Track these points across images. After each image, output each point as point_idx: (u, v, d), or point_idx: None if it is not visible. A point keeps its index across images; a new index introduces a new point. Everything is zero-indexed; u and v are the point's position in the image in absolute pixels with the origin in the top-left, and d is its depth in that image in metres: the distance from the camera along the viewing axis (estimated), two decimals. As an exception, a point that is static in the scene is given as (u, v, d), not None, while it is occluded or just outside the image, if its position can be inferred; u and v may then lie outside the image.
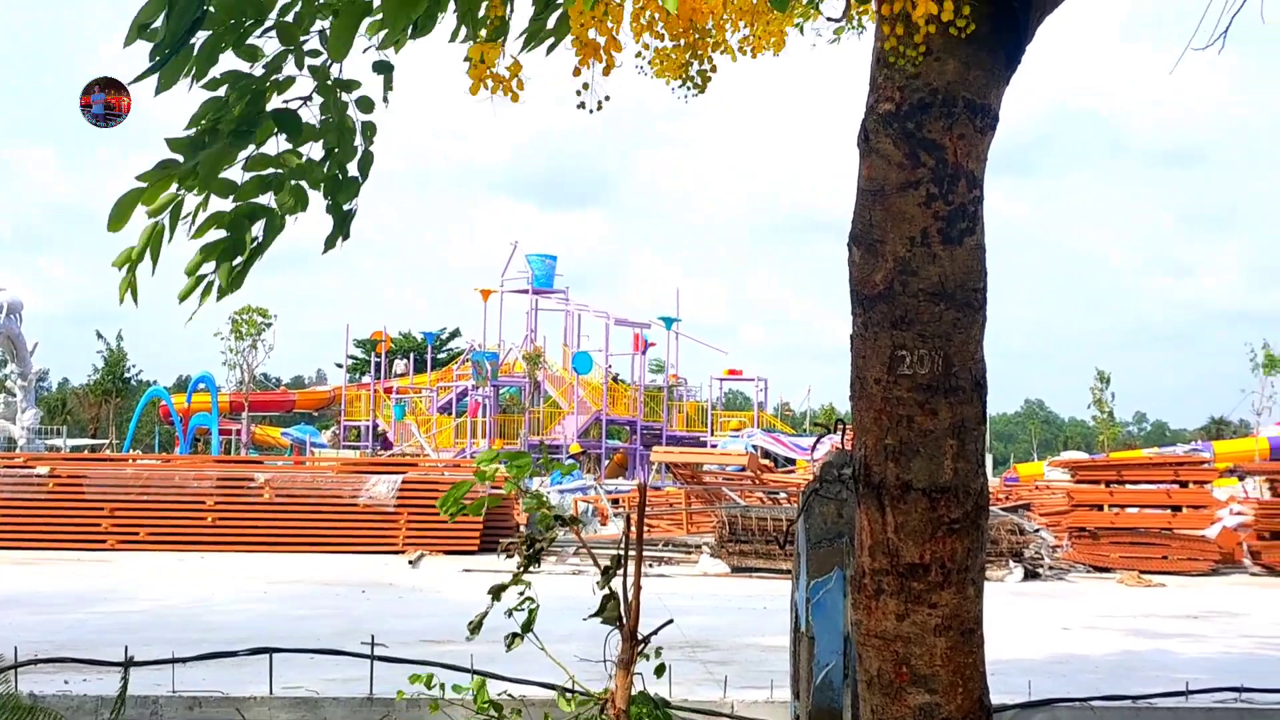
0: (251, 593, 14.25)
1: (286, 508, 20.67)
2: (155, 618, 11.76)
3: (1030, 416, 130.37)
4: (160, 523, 20.48)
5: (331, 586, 15.08)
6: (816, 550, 5.28)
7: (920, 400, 3.76)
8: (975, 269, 3.80)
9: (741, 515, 17.03)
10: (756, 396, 54.61)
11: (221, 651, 7.99)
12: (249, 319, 47.19)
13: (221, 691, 7.43)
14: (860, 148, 3.81)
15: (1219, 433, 66.21)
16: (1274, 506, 19.39)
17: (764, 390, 55.23)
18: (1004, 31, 3.72)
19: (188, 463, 25.28)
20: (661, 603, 12.89)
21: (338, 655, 8.09)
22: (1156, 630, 12.07)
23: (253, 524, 20.57)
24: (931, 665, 3.80)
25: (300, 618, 11.80)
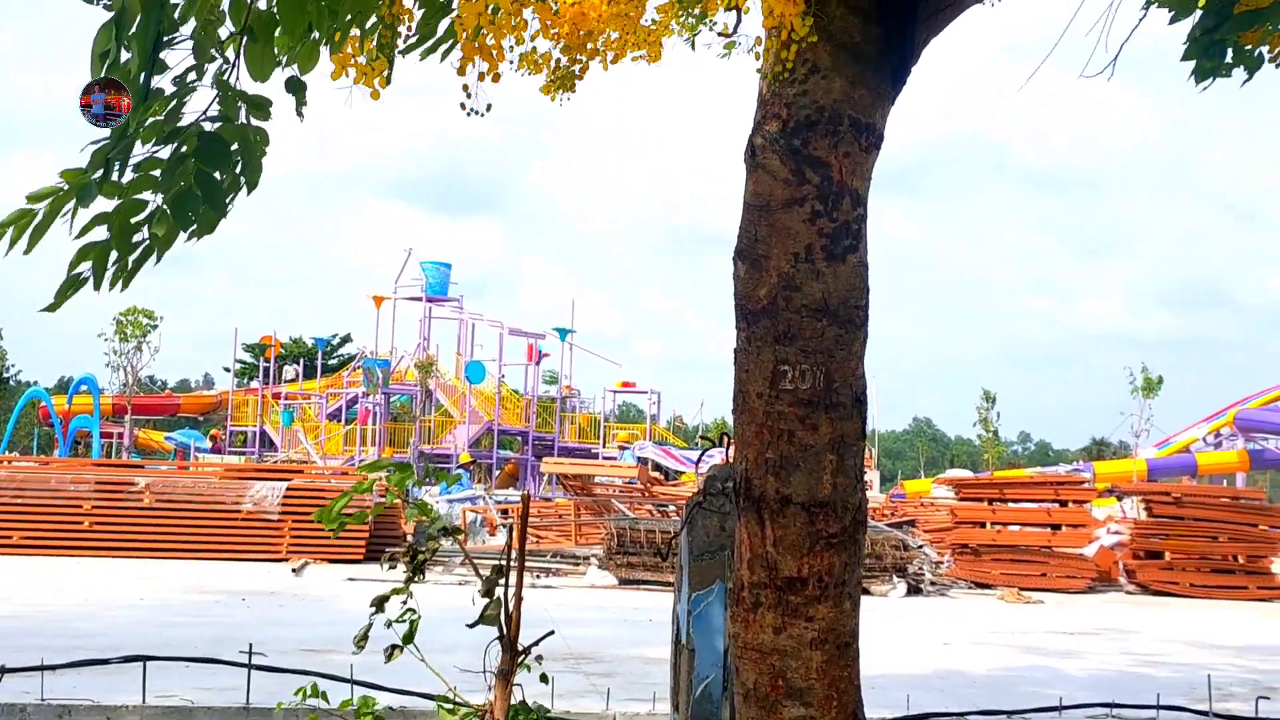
0: (128, 599, 13.94)
1: (167, 513, 20.27)
2: (27, 624, 11.46)
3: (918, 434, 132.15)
4: (35, 527, 19.97)
5: (211, 594, 14.81)
6: (698, 563, 5.29)
7: (801, 415, 3.79)
8: (858, 286, 3.84)
9: (630, 527, 17.04)
10: (650, 409, 54.72)
11: (93, 659, 7.81)
12: (134, 320, 46.26)
13: (92, 700, 7.25)
14: (747, 163, 3.83)
15: (1099, 453, 67.62)
16: (1149, 527, 19.84)
17: (657, 403, 55.36)
18: (890, 52, 3.77)
19: (65, 465, 24.68)
20: (548, 614, 12.86)
21: (214, 664, 7.94)
22: (1035, 646, 12.28)
23: (132, 529, 20.14)
24: (807, 678, 3.82)
25: (177, 625, 11.57)
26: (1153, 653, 12.09)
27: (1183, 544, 19.34)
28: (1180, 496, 20.43)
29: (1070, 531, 19.53)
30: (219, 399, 60.99)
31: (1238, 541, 19.37)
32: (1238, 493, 24.83)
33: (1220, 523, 19.51)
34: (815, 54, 3.60)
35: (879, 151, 3.85)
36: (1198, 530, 19.45)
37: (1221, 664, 11.16)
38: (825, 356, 3.78)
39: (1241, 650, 12.44)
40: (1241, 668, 11.06)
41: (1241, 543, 19.36)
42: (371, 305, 50.21)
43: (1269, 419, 50.66)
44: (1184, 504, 19.81)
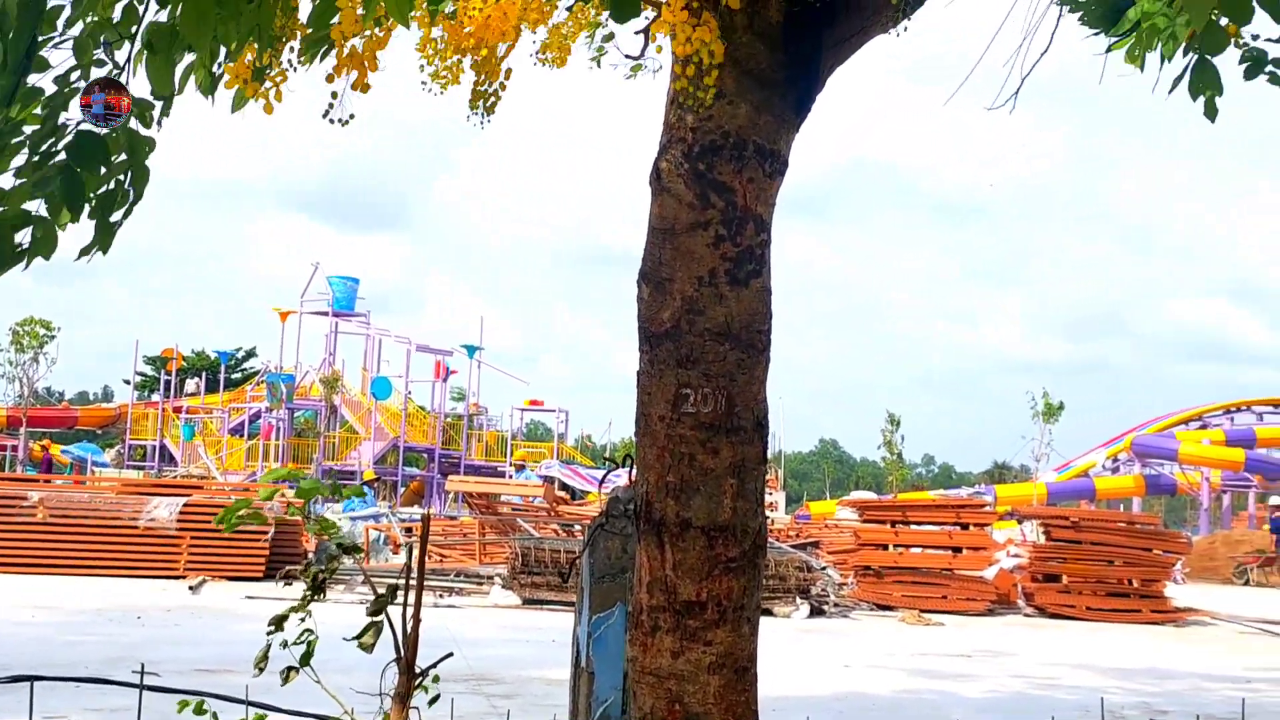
0: (18, 617, 13.61)
1: (61, 529, 19.83)
2: (-90, 642, 11.15)
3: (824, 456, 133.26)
4: (-77, 542, 19.44)
5: (106, 612, 14.51)
6: (600, 585, 5.26)
7: (702, 439, 3.79)
8: (761, 311, 3.85)
9: (535, 547, 16.96)
10: (557, 428, 54.64)
11: (-22, 679, 7.59)
12: (31, 330, 45.31)
13: (-25, 721, 7.07)
14: (652, 186, 3.83)
15: (1001, 477, 68.59)
16: (1047, 550, 20.12)
17: (565, 422, 55.32)
18: (796, 79, 3.79)
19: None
20: (450, 634, 12.75)
21: (105, 684, 7.77)
22: (933, 669, 12.39)
23: (24, 545, 19.67)
24: (704, 703, 3.81)
25: (69, 644, 11.31)
26: (1048, 675, 12.26)
27: (1079, 567, 19.64)
28: (1077, 521, 20.74)
29: (971, 554, 19.75)
30: (118, 412, 59.86)
31: (1132, 565, 19.71)
32: (1133, 517, 25.27)
33: (1116, 547, 19.84)
34: (721, 79, 3.60)
35: (783, 178, 3.87)
36: (1094, 554, 19.77)
37: (1115, 687, 11.34)
38: (727, 380, 3.79)
39: (1134, 673, 12.65)
40: (1134, 691, 11.25)
41: (1136, 567, 19.70)
42: (277, 319, 49.66)
43: (1164, 445, 51.75)
44: (1081, 528, 20.12)
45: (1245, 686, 11.65)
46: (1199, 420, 55.95)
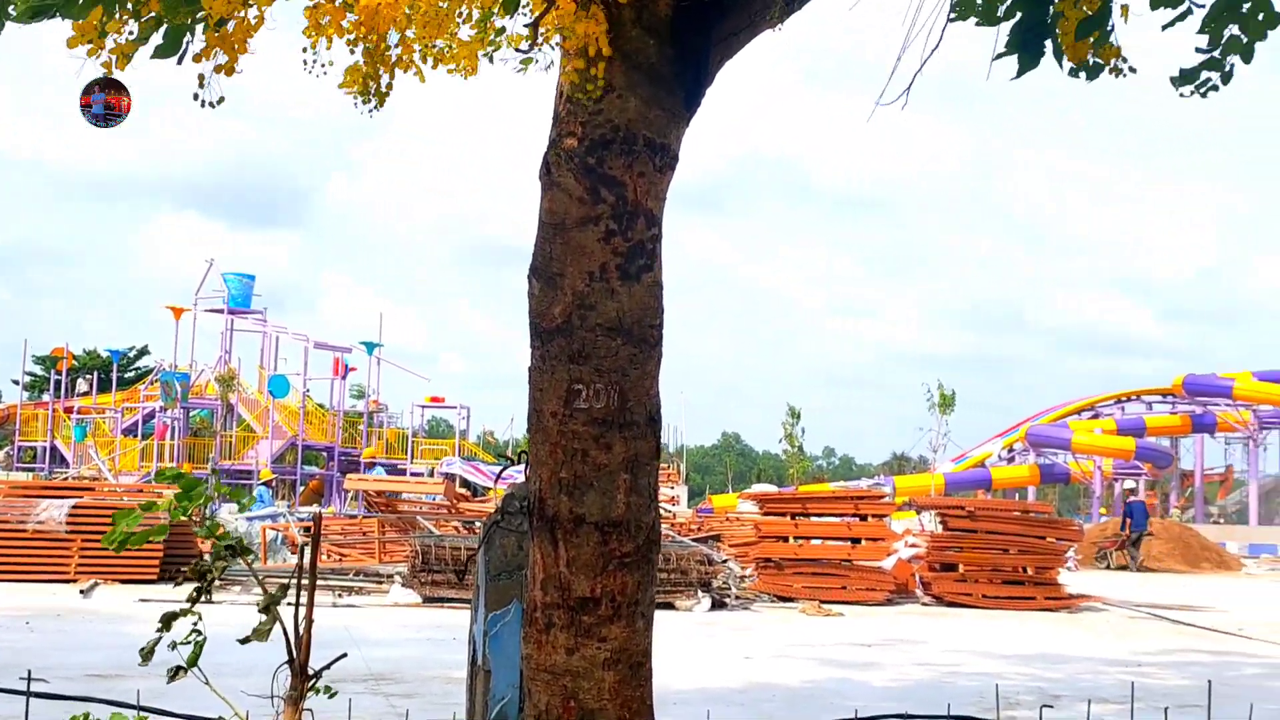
0: (-99, 625, 13.23)
1: (-53, 533, 19.30)
2: None
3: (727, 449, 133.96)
4: None
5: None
6: (496, 582, 5.23)
7: (595, 435, 3.78)
8: (652, 306, 3.84)
9: (435, 545, 16.85)
10: (459, 424, 54.35)
11: None
12: (-86, 330, 44.08)
13: None
14: (542, 180, 3.81)
15: (900, 468, 69.45)
16: (944, 540, 20.38)
17: (466, 418, 55.03)
18: (685, 74, 3.79)
19: None
20: (349, 634, 12.61)
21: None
22: (835, 659, 12.49)
23: (-92, 550, 19.12)
24: (599, 699, 3.81)
25: (-46, 652, 11.02)
26: (947, 663, 12.42)
27: (975, 556, 19.91)
28: (973, 510, 21.04)
29: (870, 545, 19.95)
30: (6, 412, 58.45)
31: (1027, 554, 20.02)
32: (1027, 506, 25.76)
33: (1011, 535, 20.14)
34: (611, 73, 3.59)
35: (674, 172, 3.87)
36: (989, 543, 20.05)
37: (1010, 673, 11.52)
38: (619, 376, 3.78)
39: (1029, 659, 12.86)
40: (1029, 676, 11.44)
41: (1031, 554, 20.02)
42: (170, 317, 48.83)
43: (1058, 435, 52.79)
44: (977, 517, 20.41)
45: (1135, 670, 11.89)
46: (1091, 410, 57.13)
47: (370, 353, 49.60)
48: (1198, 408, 54.07)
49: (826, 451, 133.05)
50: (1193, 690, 9.92)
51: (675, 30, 3.73)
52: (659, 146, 3.77)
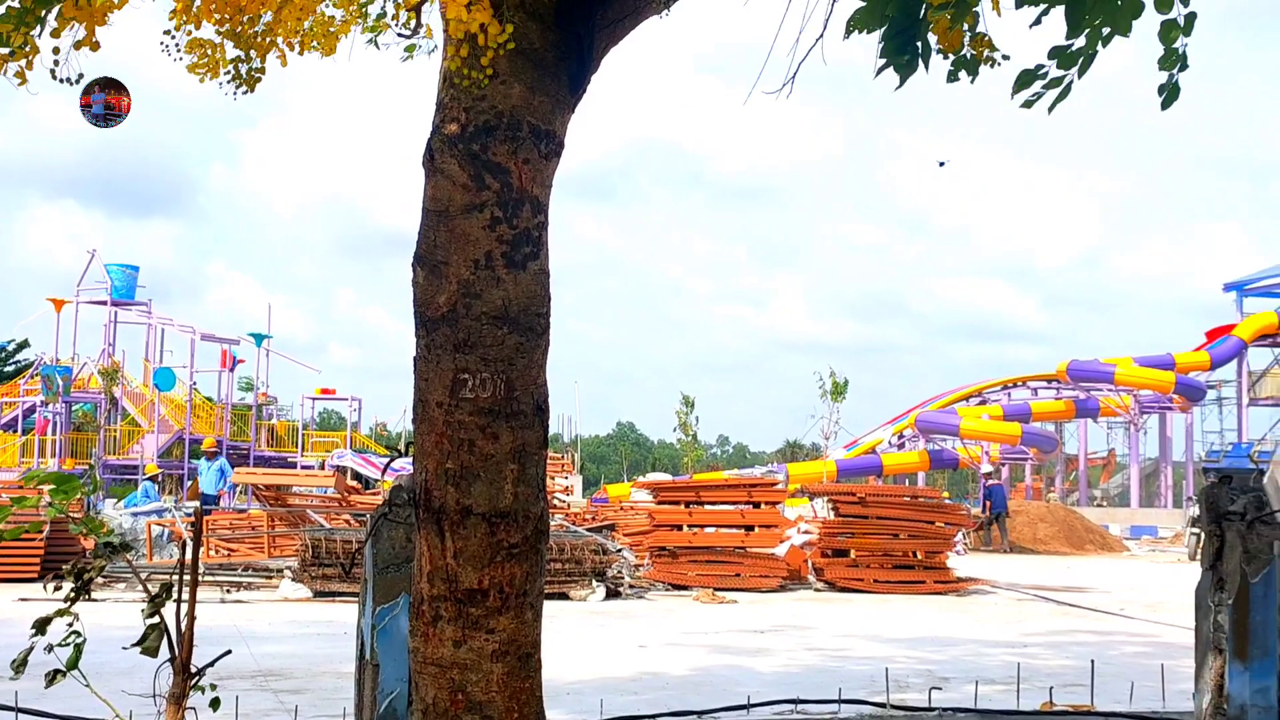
0: None
1: None
2: None
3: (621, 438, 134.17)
4: None
5: None
6: (384, 575, 5.16)
7: (482, 424, 3.74)
8: (539, 294, 3.81)
9: (326, 538, 16.63)
10: (350, 416, 53.78)
11: None
12: None
13: None
14: (426, 167, 3.75)
15: (793, 455, 70.07)
16: (836, 526, 20.58)
17: (358, 410, 54.49)
18: (569, 59, 3.76)
19: None
20: (237, 630, 12.42)
21: None
22: (728, 646, 12.56)
23: None
24: (488, 691, 3.77)
25: None
26: (838, 647, 12.54)
27: (866, 542, 20.14)
28: (864, 496, 21.26)
29: (763, 532, 20.08)
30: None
31: (917, 539, 20.29)
32: (917, 491, 26.08)
33: (901, 520, 20.40)
34: (495, 59, 3.55)
35: (560, 159, 3.83)
36: (880, 528, 20.29)
37: (900, 656, 11.67)
38: (506, 365, 3.74)
39: (919, 642, 13.04)
40: (918, 659, 11.59)
41: (920, 539, 20.30)
42: (51, 309, 47.66)
43: (946, 421, 53.59)
44: (868, 503, 20.63)
45: (1022, 651, 12.11)
46: (979, 396, 58.09)
47: (259, 344, 48.90)
48: (1081, 393, 55.22)
49: (721, 440, 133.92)
50: (1076, 670, 10.12)
51: (559, 16, 3.70)
52: (544, 133, 3.73)
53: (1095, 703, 8.60)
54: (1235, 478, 6.79)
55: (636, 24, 3.96)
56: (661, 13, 3.92)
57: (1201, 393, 54.85)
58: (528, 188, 3.72)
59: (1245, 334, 54.51)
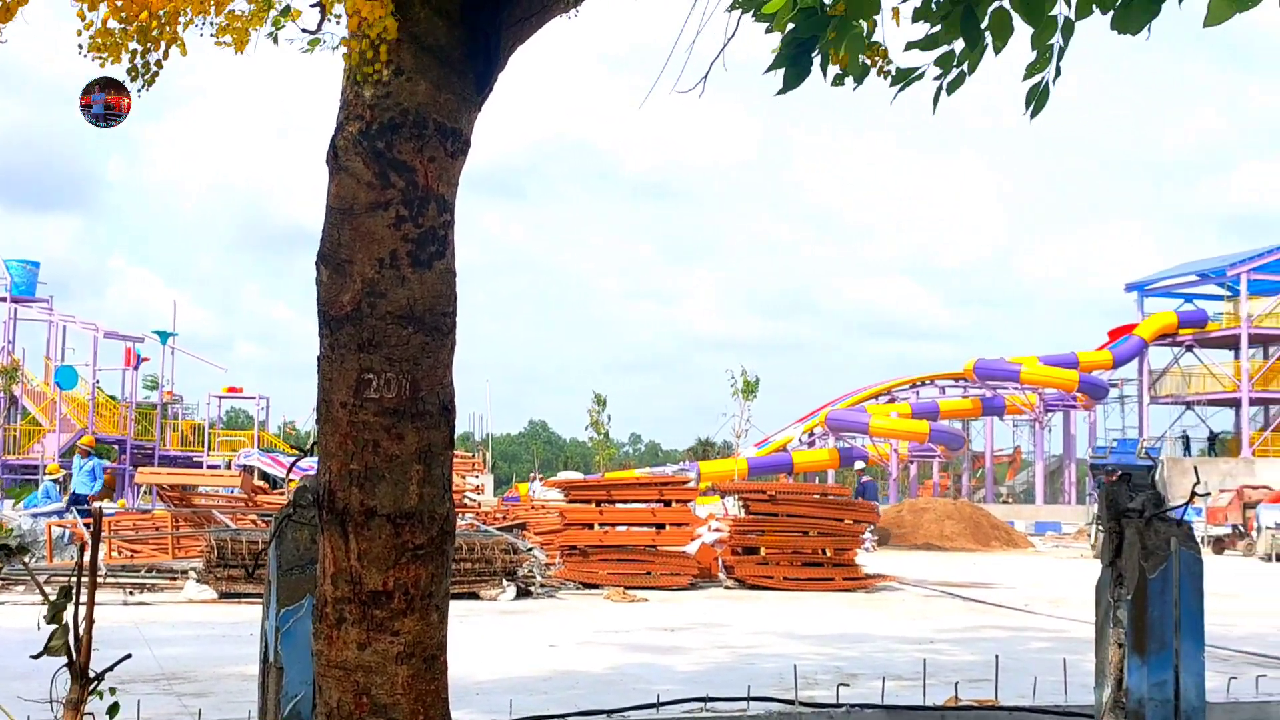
0: None
1: None
2: None
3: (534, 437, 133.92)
4: None
5: None
6: (288, 577, 5.11)
7: (387, 425, 3.70)
8: (445, 293, 3.78)
9: (231, 539, 16.41)
10: (258, 415, 53.13)
11: None
12: None
13: None
14: (330, 165, 3.71)
15: (705, 453, 70.25)
16: (746, 523, 20.70)
17: (266, 409, 53.83)
18: (475, 56, 3.73)
19: None
20: (140, 633, 12.22)
21: None
22: (639, 644, 12.57)
23: None
24: (393, 694, 3.73)
25: None
26: (747, 645, 12.61)
27: (776, 539, 20.27)
28: (775, 494, 21.40)
29: (674, 530, 20.14)
30: None
31: (826, 536, 20.46)
32: (826, 489, 26.31)
33: (811, 518, 20.56)
34: (399, 55, 3.51)
35: (466, 157, 3.80)
36: (790, 526, 20.43)
37: (809, 653, 11.76)
38: (411, 365, 3.71)
39: (827, 639, 13.15)
40: (827, 656, 11.68)
41: (829, 537, 20.47)
42: (-52, 306, 46.59)
43: (856, 419, 54.11)
44: (778, 501, 20.76)
45: (929, 647, 12.26)
46: (887, 395, 58.70)
47: (164, 342, 48.19)
48: (988, 391, 56.02)
49: (633, 438, 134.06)
50: (982, 665, 10.26)
51: (466, 13, 3.67)
52: (450, 131, 3.70)
53: (1000, 697, 8.72)
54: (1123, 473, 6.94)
55: (544, 22, 3.94)
56: (569, 12, 3.91)
57: (1104, 391, 55.87)
58: (433, 186, 3.69)
59: (1146, 333, 55.61)
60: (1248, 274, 53.05)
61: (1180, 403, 57.87)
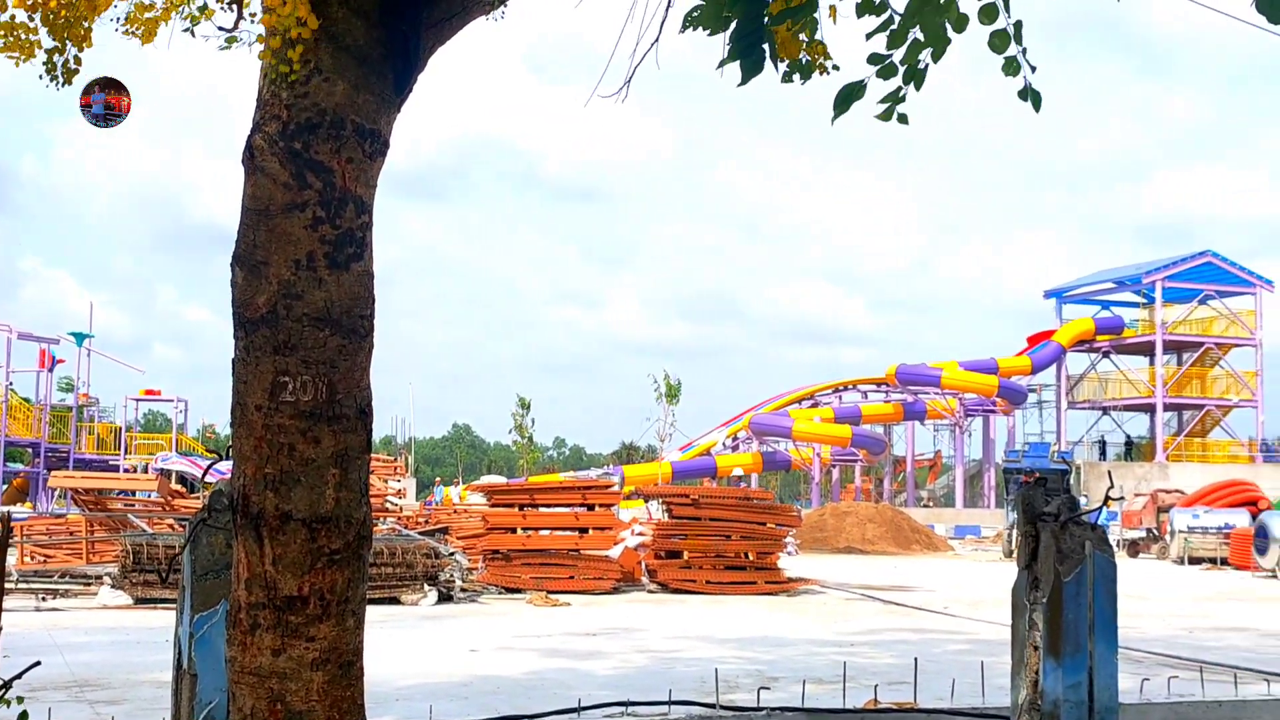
0: None
1: None
2: None
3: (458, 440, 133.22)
4: None
5: None
6: (202, 582, 5.04)
7: (303, 428, 3.66)
8: (363, 295, 3.75)
9: (148, 543, 16.18)
10: (176, 418, 52.40)
11: None
12: None
13: None
14: (245, 165, 3.66)
15: (629, 457, 70.34)
16: (669, 527, 20.73)
17: (184, 411, 53.11)
18: (394, 57, 3.70)
19: None
20: (52, 639, 12.00)
21: None
22: (560, 649, 12.54)
23: None
24: (307, 700, 3.69)
25: None
26: (669, 649, 12.62)
27: (699, 543, 20.31)
28: (698, 498, 21.44)
29: (597, 534, 20.12)
30: None
31: (749, 539, 20.54)
32: (749, 493, 26.39)
33: (733, 522, 20.62)
34: (317, 55, 3.48)
35: (385, 158, 3.77)
36: (713, 529, 20.48)
37: (730, 657, 11.79)
38: (328, 367, 3.67)
39: (749, 642, 13.19)
40: (748, 659, 11.72)
41: (752, 540, 20.55)
42: None
43: (779, 423, 54.38)
44: (701, 505, 20.81)
45: (849, 650, 12.34)
46: (810, 399, 59.07)
47: (80, 344, 47.37)
48: (909, 396, 56.55)
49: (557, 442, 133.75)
50: (901, 668, 10.34)
51: (385, 13, 3.64)
52: (369, 132, 3.67)
53: (918, 699, 8.80)
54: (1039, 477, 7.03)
55: (465, 23, 3.92)
56: (493, 14, 3.88)
57: (1023, 396, 56.60)
58: (351, 187, 3.66)
59: (1064, 339, 56.44)
60: (1162, 281, 54.02)
61: (1097, 408, 58.81)
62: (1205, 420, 56.89)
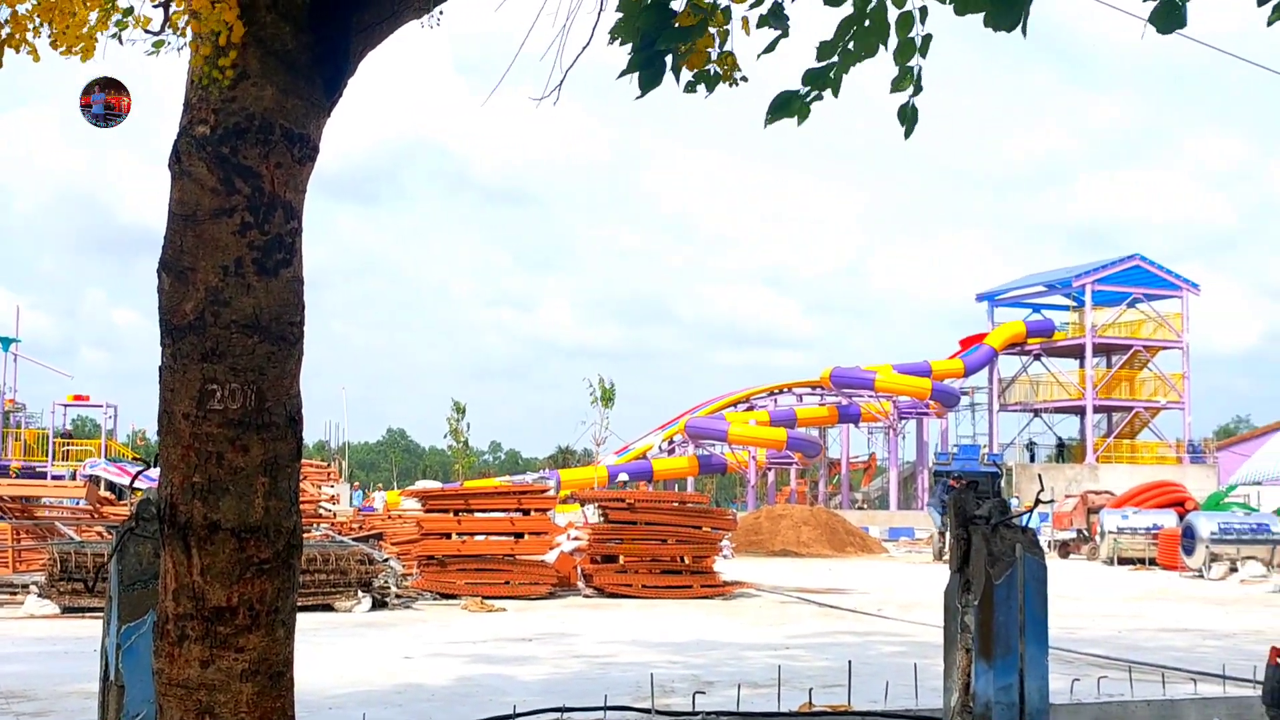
0: None
1: None
2: None
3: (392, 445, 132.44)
4: None
5: None
6: (129, 592, 4.97)
7: (231, 436, 3.62)
8: (292, 302, 3.71)
9: (75, 551, 15.95)
10: (105, 424, 51.69)
11: None
12: None
13: None
14: (172, 170, 3.62)
15: (565, 461, 70.25)
16: (605, 531, 20.71)
17: (114, 417, 52.39)
18: (324, 62, 3.67)
19: None
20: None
21: None
22: (495, 655, 12.50)
23: None
24: (237, 712, 3.65)
25: None
26: (606, 654, 12.61)
27: (635, 547, 20.31)
28: (633, 502, 21.45)
29: (532, 539, 20.06)
30: None
31: (684, 543, 20.56)
32: (684, 497, 26.43)
33: (669, 526, 20.64)
34: (245, 60, 3.44)
35: (314, 163, 3.74)
36: (649, 534, 20.49)
37: (666, 661, 11.80)
38: (257, 375, 3.63)
39: (684, 647, 13.21)
40: (683, 663, 11.74)
41: (688, 544, 20.57)
42: None
43: (715, 426, 54.48)
44: (636, 509, 20.81)
45: (784, 653, 12.39)
46: (746, 402, 59.23)
47: (6, 348, 46.63)
48: (844, 399, 56.86)
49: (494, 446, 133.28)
50: (836, 670, 10.39)
51: (314, 18, 3.60)
52: (298, 136, 3.63)
53: (852, 702, 8.84)
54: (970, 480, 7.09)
55: (395, 28, 3.89)
56: (425, 18, 3.86)
57: (956, 399, 57.08)
58: (280, 192, 3.62)
59: (996, 342, 57.00)
60: (1092, 285, 54.70)
61: (1028, 410, 59.45)
62: (1134, 422, 57.69)
